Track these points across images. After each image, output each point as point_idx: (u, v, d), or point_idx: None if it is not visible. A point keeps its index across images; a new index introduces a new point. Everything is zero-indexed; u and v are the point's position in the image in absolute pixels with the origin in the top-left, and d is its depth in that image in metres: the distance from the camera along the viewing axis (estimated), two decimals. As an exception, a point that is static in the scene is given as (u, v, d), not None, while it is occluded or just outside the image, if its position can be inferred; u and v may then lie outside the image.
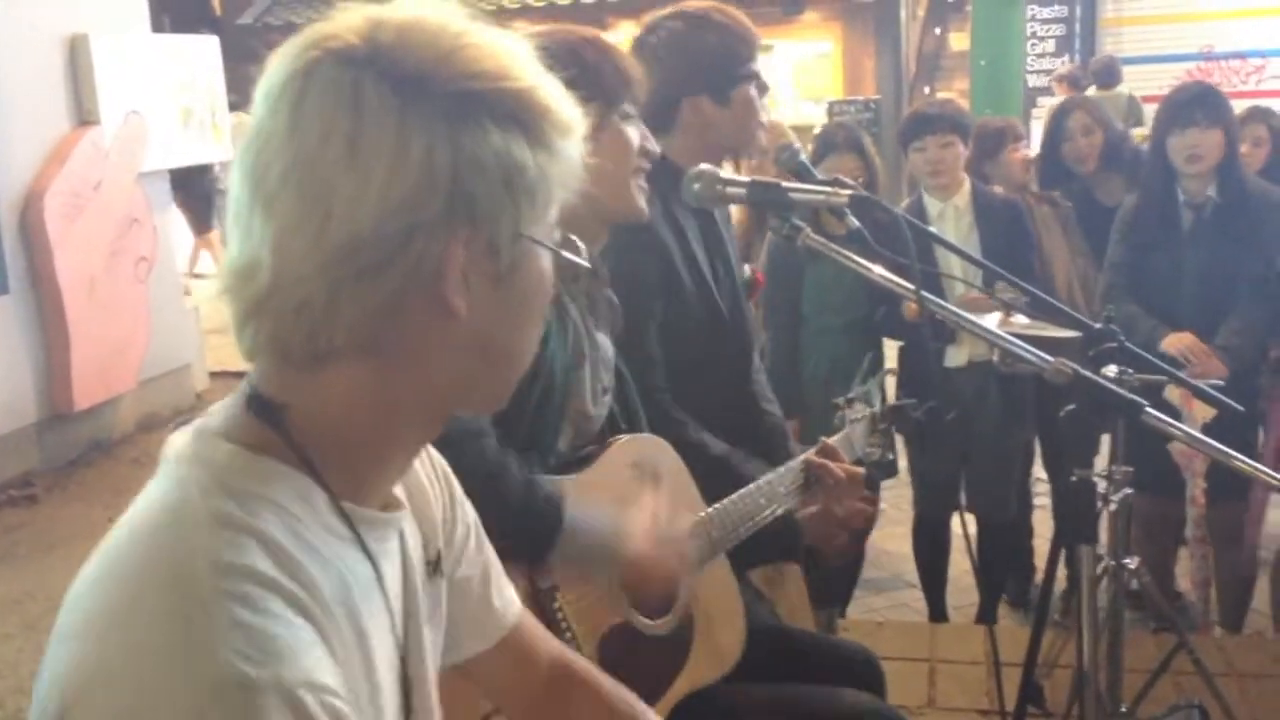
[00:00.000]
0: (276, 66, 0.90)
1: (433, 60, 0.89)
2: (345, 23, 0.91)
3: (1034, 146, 5.26)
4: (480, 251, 0.91)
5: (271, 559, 0.86)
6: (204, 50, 7.83)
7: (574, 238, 1.05)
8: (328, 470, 0.92)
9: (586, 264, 1.06)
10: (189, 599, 0.82)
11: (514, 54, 0.94)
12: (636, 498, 1.85)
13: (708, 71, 2.37)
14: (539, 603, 1.68)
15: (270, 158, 0.88)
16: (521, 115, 0.92)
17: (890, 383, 2.45)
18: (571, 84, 1.78)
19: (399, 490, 1.06)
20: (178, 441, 0.94)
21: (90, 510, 5.58)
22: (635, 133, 1.90)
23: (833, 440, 2.27)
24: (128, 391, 6.67)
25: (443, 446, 1.50)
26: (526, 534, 1.65)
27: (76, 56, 6.43)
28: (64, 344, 6.19)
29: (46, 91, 6.28)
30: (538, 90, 0.94)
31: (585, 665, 1.35)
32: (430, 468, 1.17)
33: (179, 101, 7.38)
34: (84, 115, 6.46)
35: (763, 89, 2.43)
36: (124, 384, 6.63)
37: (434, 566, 1.13)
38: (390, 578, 1.00)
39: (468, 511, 1.22)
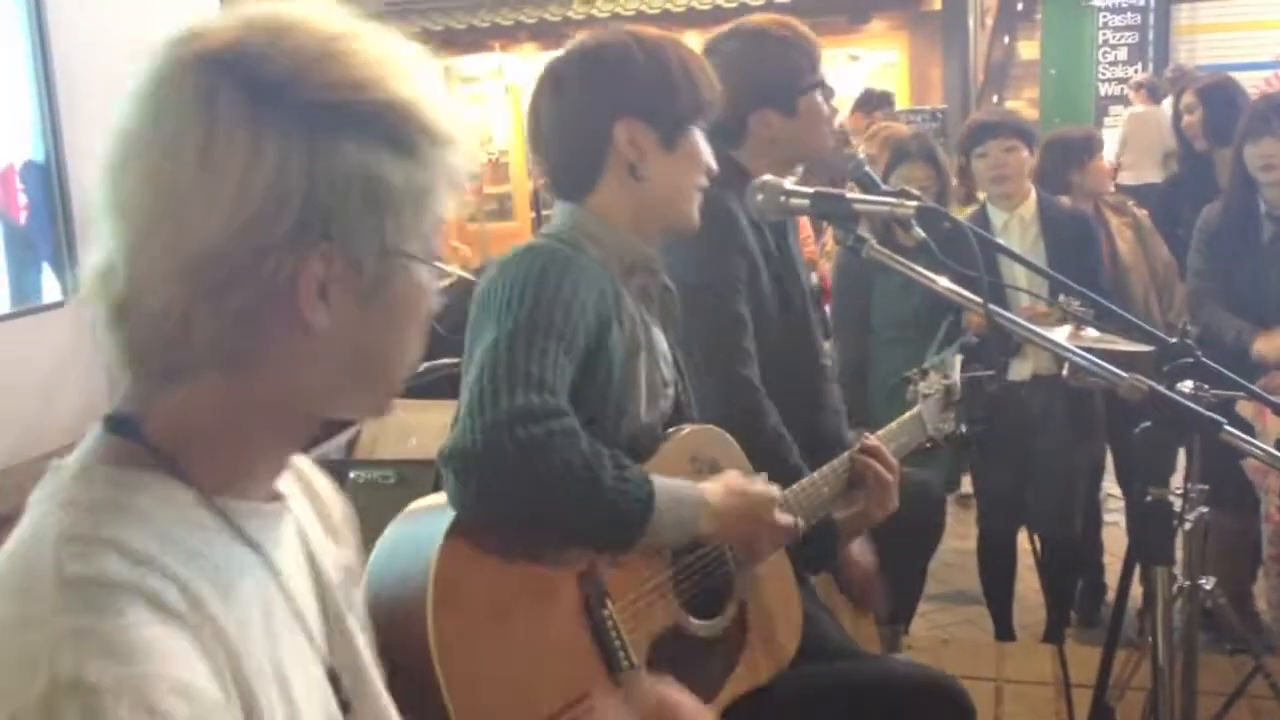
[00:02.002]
0: (145, 63, 0.88)
1: (298, 67, 0.85)
2: (220, 22, 0.88)
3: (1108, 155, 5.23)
4: (342, 267, 0.88)
5: (126, 560, 0.83)
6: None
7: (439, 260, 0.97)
8: (195, 469, 0.90)
9: (453, 278, 0.99)
10: (30, 610, 0.80)
11: (392, 61, 0.90)
12: None
13: (771, 85, 2.39)
14: (588, 611, 1.66)
15: (126, 160, 0.86)
16: (387, 127, 0.88)
17: (968, 349, 2.42)
18: (662, 90, 1.80)
19: (288, 489, 1.02)
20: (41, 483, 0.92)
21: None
22: (707, 148, 1.91)
23: (905, 418, 2.26)
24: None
25: (535, 449, 1.51)
26: (623, 517, 1.60)
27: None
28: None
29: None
30: (410, 101, 0.89)
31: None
32: (324, 483, 1.13)
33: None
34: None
35: (828, 94, 2.44)
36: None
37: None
38: (291, 575, 0.96)
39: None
